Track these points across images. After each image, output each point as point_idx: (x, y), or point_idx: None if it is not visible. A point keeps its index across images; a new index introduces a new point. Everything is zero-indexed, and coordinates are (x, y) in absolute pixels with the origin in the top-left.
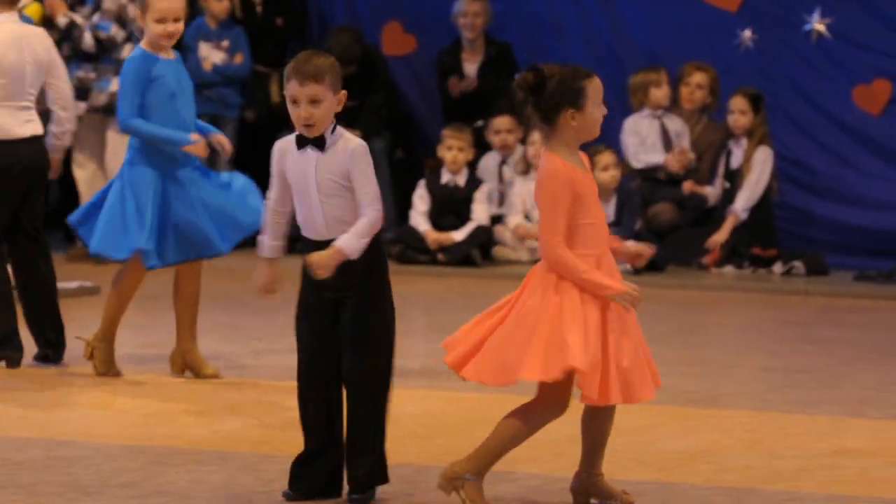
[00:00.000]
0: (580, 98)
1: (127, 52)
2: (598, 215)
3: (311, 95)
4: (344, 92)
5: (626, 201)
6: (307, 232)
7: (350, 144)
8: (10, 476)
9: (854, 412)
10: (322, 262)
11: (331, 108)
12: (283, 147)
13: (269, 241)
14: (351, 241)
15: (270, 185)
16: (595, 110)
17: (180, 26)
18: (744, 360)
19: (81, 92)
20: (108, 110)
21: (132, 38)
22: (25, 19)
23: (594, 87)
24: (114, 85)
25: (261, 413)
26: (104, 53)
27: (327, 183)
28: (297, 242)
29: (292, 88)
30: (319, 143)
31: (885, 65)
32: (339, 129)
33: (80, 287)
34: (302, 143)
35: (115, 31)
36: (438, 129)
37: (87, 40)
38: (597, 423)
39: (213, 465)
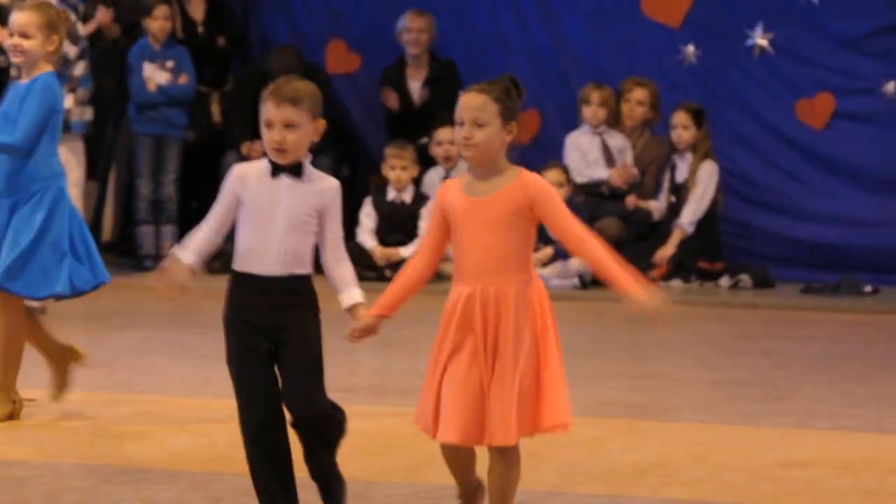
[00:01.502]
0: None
1: (80, 69)
2: (467, 246)
3: (286, 119)
4: (323, 121)
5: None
6: (251, 265)
7: (328, 182)
8: None
9: (802, 424)
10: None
11: (307, 136)
12: (245, 173)
13: (194, 253)
14: (359, 292)
15: (211, 209)
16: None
17: (23, 42)
18: (692, 372)
19: None
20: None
21: (84, 55)
22: None
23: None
24: (69, 101)
25: (209, 431)
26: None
27: (298, 215)
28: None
29: (268, 111)
30: (296, 172)
31: (828, 79)
32: (310, 165)
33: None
34: (277, 170)
35: (68, 48)
36: (383, 146)
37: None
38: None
39: (162, 483)
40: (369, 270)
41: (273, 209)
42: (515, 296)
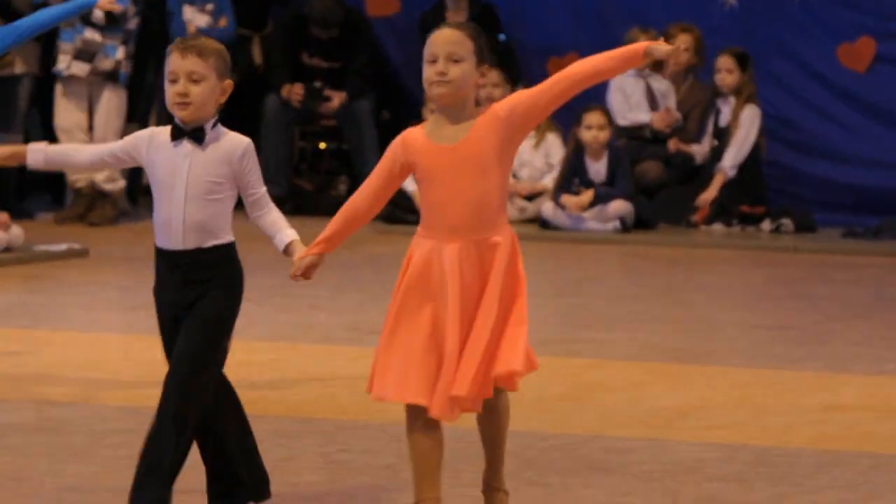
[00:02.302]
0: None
1: (133, 24)
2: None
3: (190, 71)
4: (230, 82)
5: (618, 161)
6: (161, 240)
7: (233, 143)
8: (1, 438)
9: (842, 368)
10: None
11: (212, 93)
12: (154, 135)
13: None
14: (293, 233)
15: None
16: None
17: None
18: (733, 317)
19: (85, 54)
20: (111, 76)
21: (138, 12)
22: None
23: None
24: (120, 53)
25: (250, 373)
26: (114, 23)
27: (200, 183)
28: None
29: (172, 62)
30: (198, 137)
31: (869, 23)
32: (221, 126)
33: (69, 249)
34: (178, 134)
35: (129, 6)
36: (423, 89)
37: (97, 13)
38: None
39: None
40: (410, 213)
41: (173, 179)
42: (501, 249)
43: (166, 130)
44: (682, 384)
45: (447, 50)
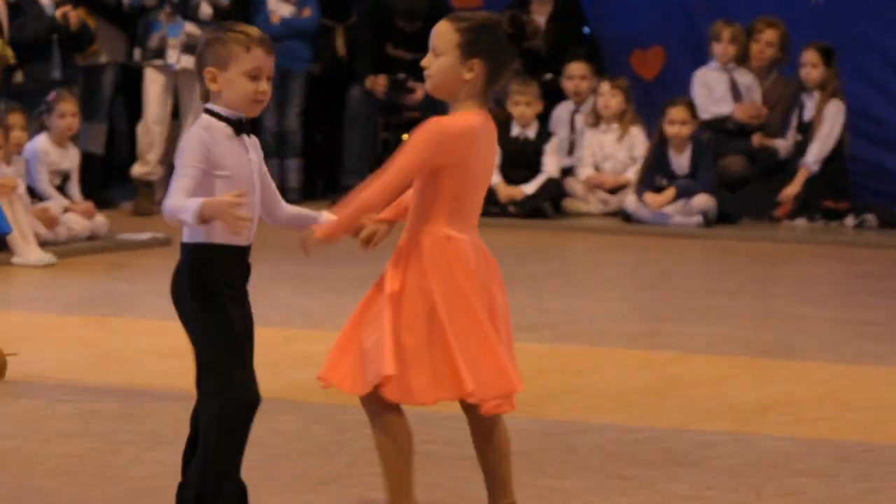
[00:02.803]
0: None
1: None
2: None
3: (271, 69)
4: None
5: (701, 154)
6: (229, 236)
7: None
8: (87, 425)
9: None
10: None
11: None
12: (204, 135)
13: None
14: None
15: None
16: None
17: None
18: (816, 311)
19: (191, 47)
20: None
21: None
22: None
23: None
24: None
25: None
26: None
27: (260, 174)
28: None
29: (258, 59)
30: (249, 129)
31: None
32: None
33: (152, 238)
34: (240, 128)
35: None
36: (512, 81)
37: (205, 10)
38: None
39: (288, 415)
40: (493, 206)
41: (251, 174)
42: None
43: (217, 126)
44: (765, 378)
45: (432, 43)
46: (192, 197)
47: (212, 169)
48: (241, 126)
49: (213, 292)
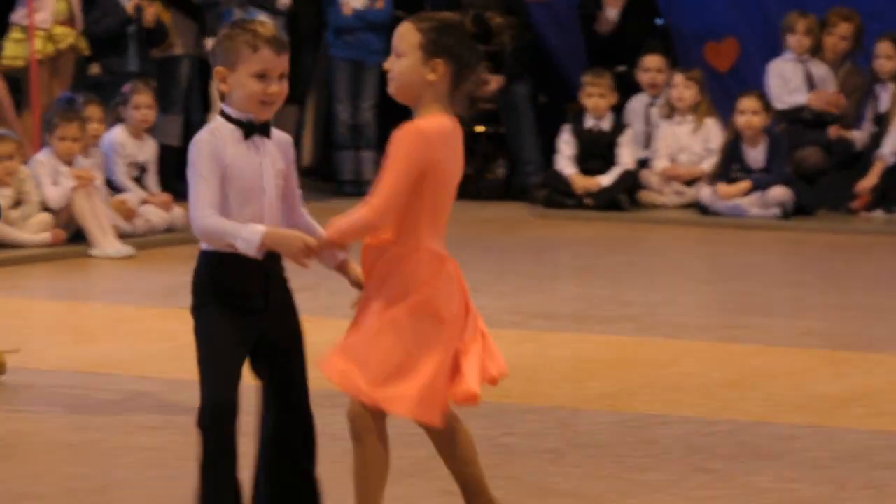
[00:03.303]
0: None
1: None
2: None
3: (283, 69)
4: None
5: (776, 146)
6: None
7: (282, 134)
8: (168, 417)
9: None
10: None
11: None
12: (212, 139)
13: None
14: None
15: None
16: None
17: None
18: (895, 304)
19: None
20: None
21: None
22: None
23: None
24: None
25: None
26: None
27: (275, 179)
28: None
29: (266, 59)
30: (266, 130)
31: None
32: None
33: None
34: (250, 130)
35: None
36: (580, 72)
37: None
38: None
39: None
40: (569, 198)
41: (259, 179)
42: None
43: (224, 126)
44: (846, 371)
45: (394, 44)
46: (215, 207)
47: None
48: (251, 128)
49: (205, 301)
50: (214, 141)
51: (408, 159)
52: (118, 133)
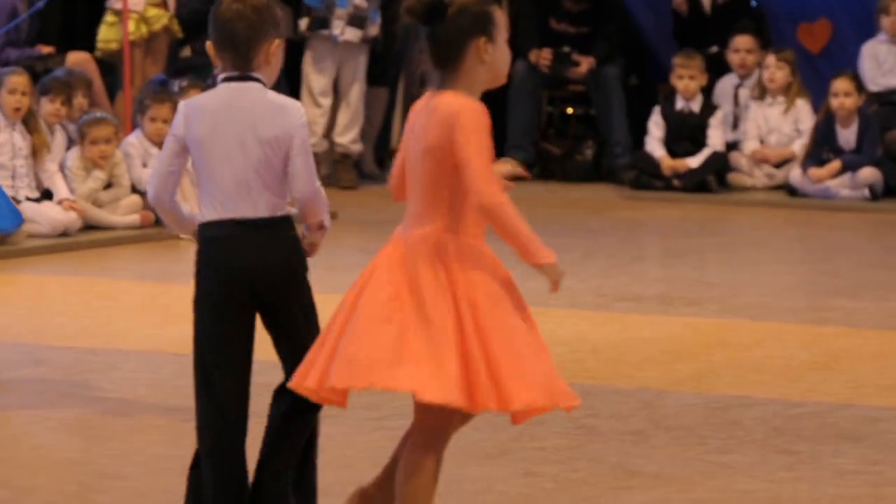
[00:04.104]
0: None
1: None
2: None
3: None
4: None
5: (867, 127)
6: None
7: None
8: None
9: None
10: None
11: None
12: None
13: None
14: None
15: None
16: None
17: None
18: None
19: (357, 19)
20: (373, 41)
21: None
22: None
23: (501, 17)
24: (379, 18)
25: None
26: None
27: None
28: None
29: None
30: None
31: None
32: None
33: None
34: None
35: None
36: (672, 54)
37: None
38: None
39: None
40: (657, 179)
41: None
42: None
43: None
44: None
45: (490, 30)
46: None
47: None
48: None
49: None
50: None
51: (487, 137)
52: None
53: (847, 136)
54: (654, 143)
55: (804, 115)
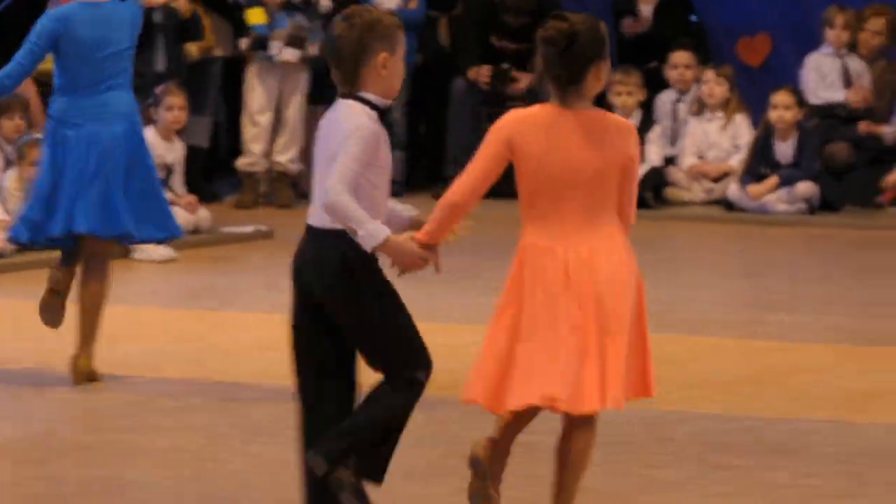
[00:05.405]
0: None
1: (330, 9)
2: None
3: None
4: None
5: (806, 141)
6: None
7: None
8: (187, 418)
9: None
10: None
11: None
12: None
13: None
14: None
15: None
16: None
17: None
18: None
19: (296, 39)
20: (313, 61)
21: None
22: None
23: None
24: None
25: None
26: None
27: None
28: None
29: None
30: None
31: None
32: None
33: (256, 231)
34: (383, 116)
35: None
36: (614, 70)
37: (325, 3)
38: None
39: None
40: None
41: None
42: None
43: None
44: (871, 367)
45: None
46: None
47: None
48: (383, 114)
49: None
50: (378, 130)
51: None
52: (148, 134)
53: (785, 149)
54: None
55: (743, 130)
